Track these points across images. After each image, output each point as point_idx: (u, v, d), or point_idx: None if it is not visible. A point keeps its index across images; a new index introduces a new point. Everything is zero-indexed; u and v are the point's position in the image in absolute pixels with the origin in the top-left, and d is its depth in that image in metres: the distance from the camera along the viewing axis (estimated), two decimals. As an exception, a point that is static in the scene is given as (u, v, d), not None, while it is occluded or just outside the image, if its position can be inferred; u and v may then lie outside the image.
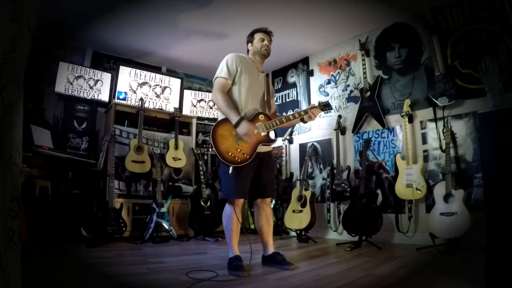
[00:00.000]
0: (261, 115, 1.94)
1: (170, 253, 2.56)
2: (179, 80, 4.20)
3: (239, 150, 1.82)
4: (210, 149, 3.89)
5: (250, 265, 1.91)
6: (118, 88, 3.72)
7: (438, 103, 2.81)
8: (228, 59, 1.98)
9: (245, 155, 1.83)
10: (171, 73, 4.43)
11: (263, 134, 1.88)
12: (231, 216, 1.92)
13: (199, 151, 3.74)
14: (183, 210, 3.59)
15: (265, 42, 2.06)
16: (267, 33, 2.10)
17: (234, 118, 1.82)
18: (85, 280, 1.66)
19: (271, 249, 2.03)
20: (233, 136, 1.84)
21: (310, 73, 4.21)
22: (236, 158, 1.81)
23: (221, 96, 1.88)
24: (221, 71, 1.95)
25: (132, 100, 3.77)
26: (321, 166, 3.86)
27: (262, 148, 1.95)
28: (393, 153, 3.20)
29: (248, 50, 2.16)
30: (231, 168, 1.80)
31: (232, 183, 1.86)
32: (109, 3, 2.97)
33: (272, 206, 3.71)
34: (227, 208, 1.95)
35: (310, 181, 3.90)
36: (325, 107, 2.03)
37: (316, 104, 2.04)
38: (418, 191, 2.74)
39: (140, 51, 4.06)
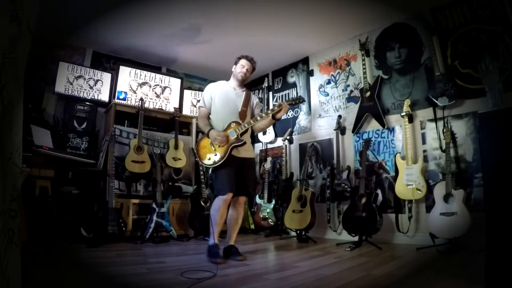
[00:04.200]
0: (232, 123, 2.30)
1: (170, 253, 2.57)
2: (179, 80, 4.19)
3: (215, 155, 2.26)
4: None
5: (251, 265, 1.93)
6: (118, 88, 3.72)
7: (438, 103, 2.81)
8: (204, 91, 2.47)
9: (220, 156, 2.24)
10: (171, 73, 4.43)
11: (233, 137, 2.24)
12: (217, 208, 2.24)
13: (199, 151, 3.73)
14: (183, 210, 3.59)
15: (244, 69, 2.41)
16: (250, 61, 2.43)
17: (206, 131, 2.32)
18: (85, 280, 1.66)
19: (230, 242, 2.36)
20: (210, 145, 2.29)
21: (310, 73, 4.21)
22: (214, 161, 2.25)
23: (200, 121, 2.42)
24: (201, 101, 2.45)
25: (132, 100, 3.77)
26: (321, 166, 3.86)
27: (243, 154, 2.32)
28: (393, 153, 3.20)
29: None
30: (210, 170, 2.19)
31: (220, 182, 2.26)
32: (109, 3, 2.97)
33: (272, 206, 3.72)
34: (216, 201, 2.27)
35: (310, 181, 3.90)
36: (294, 101, 2.35)
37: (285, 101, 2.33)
38: (418, 191, 2.74)
39: (140, 51, 4.05)
